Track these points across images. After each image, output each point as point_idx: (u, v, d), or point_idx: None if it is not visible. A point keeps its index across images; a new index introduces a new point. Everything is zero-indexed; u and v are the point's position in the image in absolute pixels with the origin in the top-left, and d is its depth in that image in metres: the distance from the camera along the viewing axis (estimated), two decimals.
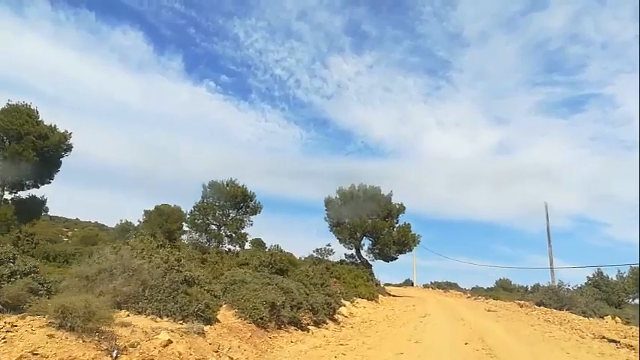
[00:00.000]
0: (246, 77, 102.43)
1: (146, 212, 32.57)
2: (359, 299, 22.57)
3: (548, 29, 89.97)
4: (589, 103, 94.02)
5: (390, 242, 32.43)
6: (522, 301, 27.00)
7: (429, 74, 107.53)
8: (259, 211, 30.38)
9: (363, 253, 34.46)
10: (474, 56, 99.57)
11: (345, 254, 34.80)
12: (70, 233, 60.86)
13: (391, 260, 34.87)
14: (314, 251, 24.56)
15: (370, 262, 34.73)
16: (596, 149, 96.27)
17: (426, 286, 56.76)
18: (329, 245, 24.54)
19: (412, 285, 59.91)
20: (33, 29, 72.15)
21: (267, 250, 24.75)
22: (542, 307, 24.28)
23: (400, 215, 34.51)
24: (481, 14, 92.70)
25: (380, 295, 29.47)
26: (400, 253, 34.23)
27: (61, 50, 76.08)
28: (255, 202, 30.18)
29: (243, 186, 30.06)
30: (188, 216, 27.44)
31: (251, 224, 29.76)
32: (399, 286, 57.65)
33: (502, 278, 54.62)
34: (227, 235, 27.99)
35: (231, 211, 29.34)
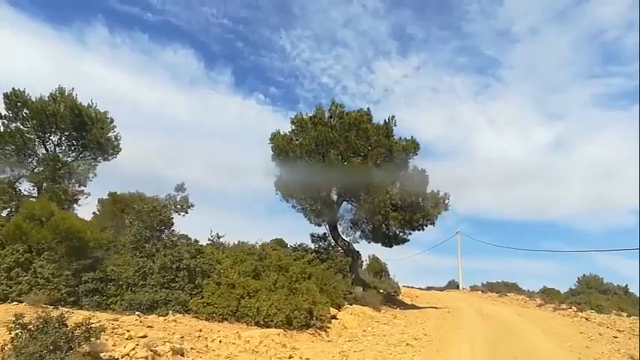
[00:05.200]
0: (293, 88, 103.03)
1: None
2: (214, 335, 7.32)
3: (604, 19, 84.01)
4: None
5: (386, 204, 16.65)
6: None
7: (477, 73, 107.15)
8: (116, 153, 15.92)
9: (341, 230, 18.91)
10: (524, 52, 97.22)
11: (311, 236, 19.41)
12: None
13: (396, 242, 19.05)
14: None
15: (356, 247, 19.13)
16: None
17: (474, 289, 39.85)
18: (182, 189, 9.57)
19: (458, 288, 43.91)
20: (93, 54, 77.26)
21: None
22: None
23: (410, 158, 18.62)
24: (530, 8, 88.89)
25: (359, 309, 14.00)
26: (411, 228, 18.30)
27: (118, 72, 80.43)
28: (107, 135, 15.77)
29: (92, 106, 15.82)
30: None
31: (94, 175, 15.34)
32: (441, 289, 43.41)
33: (589, 275, 36.25)
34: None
35: (59, 146, 15.08)
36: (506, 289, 36.62)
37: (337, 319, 11.94)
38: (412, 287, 40.04)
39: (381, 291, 23.60)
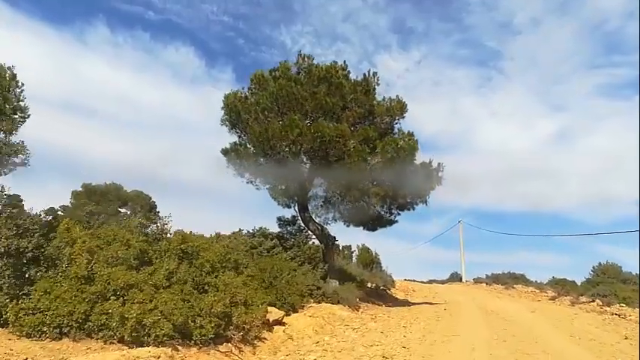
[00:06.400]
0: None
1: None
2: None
3: (605, 9, 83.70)
4: None
5: (364, 176, 13.23)
6: None
7: (479, 65, 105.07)
8: (24, 118, 12.49)
9: (311, 210, 15.44)
10: (525, 43, 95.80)
11: (278, 220, 16.00)
12: None
13: (380, 224, 15.62)
14: None
15: (338, 234, 15.68)
16: None
17: (477, 281, 36.67)
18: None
19: (460, 280, 41.74)
20: (94, 53, 79.25)
21: None
22: None
23: (396, 122, 15.17)
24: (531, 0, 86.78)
25: (328, 309, 10.75)
26: (398, 207, 14.87)
27: (120, 71, 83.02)
28: (4, 94, 12.31)
29: None
30: None
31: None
32: (443, 282, 41.34)
33: (605, 263, 32.69)
34: None
35: None
36: (513, 280, 33.20)
37: (284, 324, 8.58)
38: (413, 280, 36.96)
39: (369, 285, 20.27)
